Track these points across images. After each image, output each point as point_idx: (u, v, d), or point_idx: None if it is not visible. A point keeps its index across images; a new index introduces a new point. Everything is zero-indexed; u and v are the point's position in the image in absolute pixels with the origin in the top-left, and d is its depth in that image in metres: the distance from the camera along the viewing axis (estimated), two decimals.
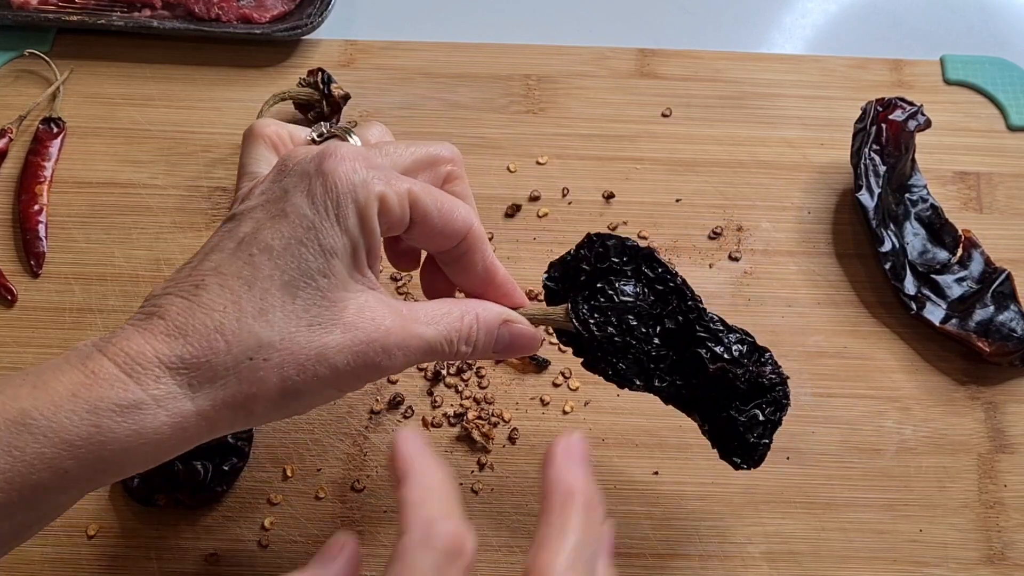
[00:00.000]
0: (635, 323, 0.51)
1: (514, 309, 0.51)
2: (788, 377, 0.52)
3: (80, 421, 0.39)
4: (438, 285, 0.52)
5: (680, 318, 0.52)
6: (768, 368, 0.51)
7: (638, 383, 0.52)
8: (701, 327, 0.51)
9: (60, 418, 0.39)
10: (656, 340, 0.51)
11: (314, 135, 0.52)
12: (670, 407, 0.53)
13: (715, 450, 0.53)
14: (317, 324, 0.42)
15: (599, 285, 0.52)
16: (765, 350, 0.52)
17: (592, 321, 0.51)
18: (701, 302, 0.52)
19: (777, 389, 0.51)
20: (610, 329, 0.51)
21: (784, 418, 0.52)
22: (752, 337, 0.52)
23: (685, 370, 0.52)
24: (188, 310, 0.41)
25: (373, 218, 0.43)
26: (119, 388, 0.39)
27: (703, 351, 0.51)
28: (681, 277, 0.52)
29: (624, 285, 0.52)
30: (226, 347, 0.41)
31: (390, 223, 0.45)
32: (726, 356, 0.51)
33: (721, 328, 0.52)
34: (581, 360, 0.53)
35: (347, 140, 0.50)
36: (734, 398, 0.51)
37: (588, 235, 0.53)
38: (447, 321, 0.47)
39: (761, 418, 0.51)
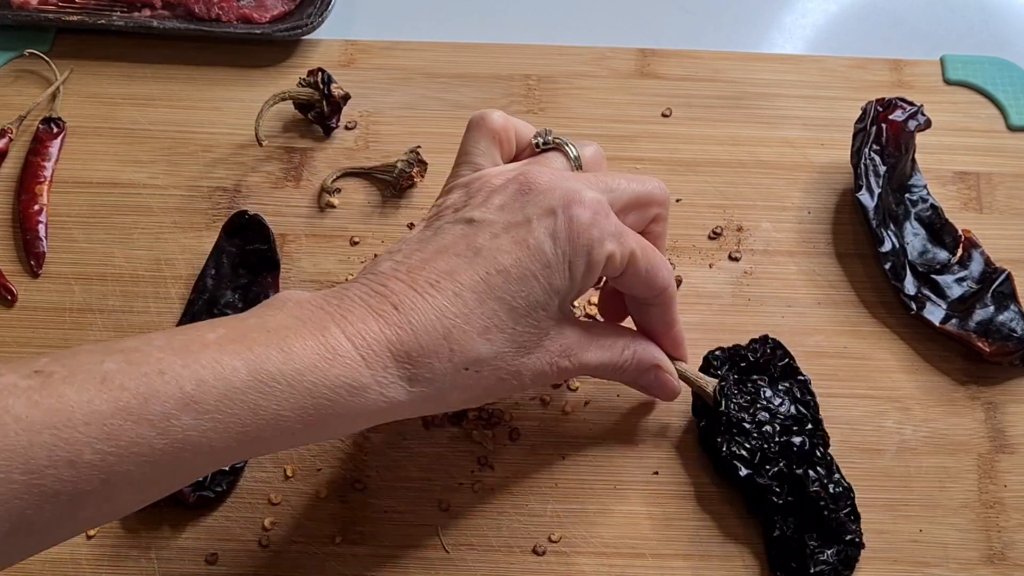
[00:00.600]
0: (766, 420, 0.58)
1: (672, 359, 0.58)
2: (864, 548, 0.57)
3: (319, 395, 0.43)
4: (615, 308, 0.58)
5: (806, 440, 0.58)
6: (854, 528, 0.57)
7: (742, 472, 0.57)
8: (820, 455, 0.58)
9: (302, 388, 0.42)
10: (776, 447, 0.58)
11: (539, 140, 0.55)
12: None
13: (769, 559, 0.58)
14: (523, 348, 0.48)
15: (753, 377, 0.60)
16: (858, 514, 0.58)
17: (733, 401, 0.58)
18: (829, 445, 0.59)
19: (852, 550, 0.57)
20: (744, 415, 0.58)
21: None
22: (854, 493, 0.58)
23: (787, 482, 0.57)
24: (421, 308, 0.45)
25: (597, 271, 0.49)
26: (354, 371, 0.44)
27: (812, 472, 0.57)
28: (820, 416, 0.60)
29: (772, 389, 0.60)
30: (449, 354, 0.45)
31: (606, 274, 0.51)
32: (830, 488, 0.57)
33: (835, 467, 0.58)
34: (700, 435, 0.61)
35: (568, 152, 0.54)
36: (815, 530, 0.56)
37: (765, 336, 0.62)
38: (611, 352, 0.53)
39: (828, 559, 0.56)
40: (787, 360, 0.62)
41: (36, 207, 0.70)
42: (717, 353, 0.62)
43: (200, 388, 0.41)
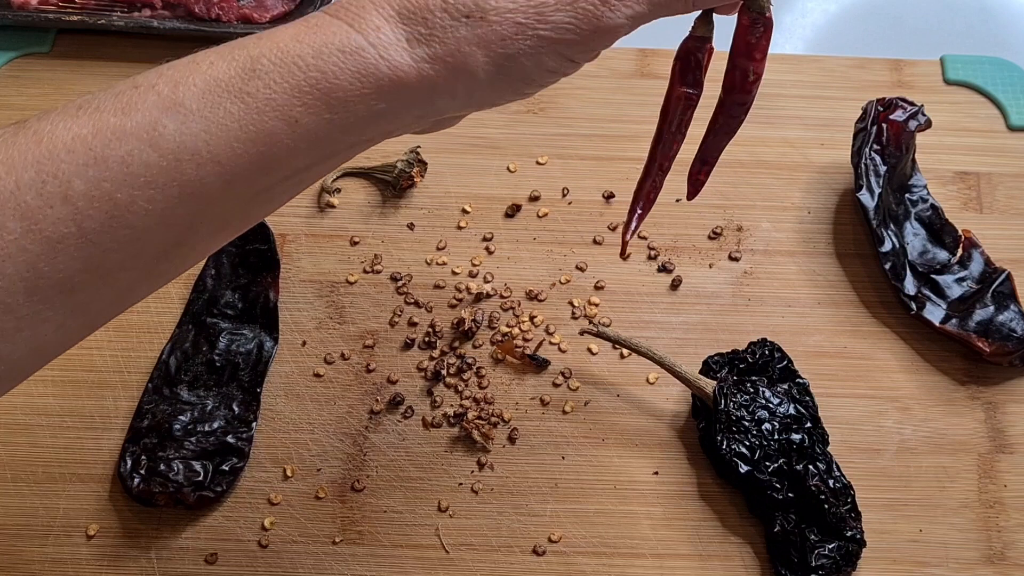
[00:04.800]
0: (765, 418, 0.58)
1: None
2: (865, 546, 0.57)
3: (306, 66, 0.38)
4: None
5: (805, 437, 0.58)
6: (855, 524, 0.57)
7: (742, 469, 0.57)
8: (819, 452, 0.58)
9: (287, 62, 0.39)
10: (775, 444, 0.58)
11: None
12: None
13: (770, 554, 0.58)
14: None
15: (752, 379, 0.60)
16: (859, 512, 0.58)
17: (732, 400, 0.58)
18: (828, 443, 0.60)
19: (854, 546, 0.57)
20: (743, 413, 0.58)
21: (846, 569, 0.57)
22: (854, 491, 0.58)
23: (788, 479, 0.57)
24: None
25: None
26: (341, 35, 0.39)
27: (811, 467, 0.57)
28: (819, 415, 0.60)
29: (771, 390, 0.60)
30: (442, 4, 0.40)
31: None
32: (830, 483, 0.57)
33: (834, 464, 0.59)
34: (699, 436, 0.61)
35: None
36: (815, 524, 0.57)
37: (763, 339, 0.62)
38: None
39: (829, 553, 0.56)
40: (786, 362, 0.62)
41: None
42: (716, 357, 0.62)
43: (179, 88, 0.38)
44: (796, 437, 0.58)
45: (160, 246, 0.39)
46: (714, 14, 0.47)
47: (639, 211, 0.53)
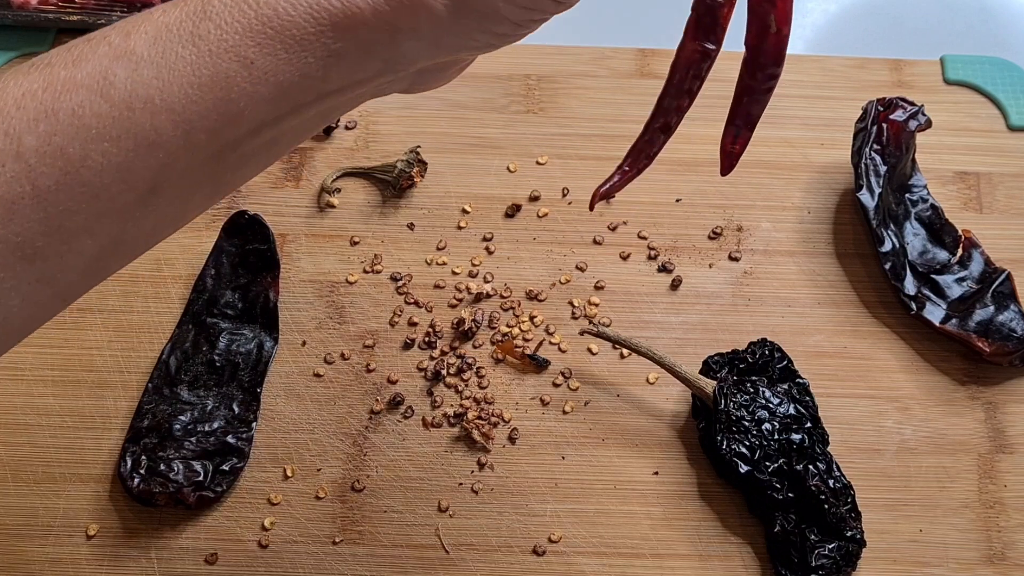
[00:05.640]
0: (765, 418, 0.58)
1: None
2: (865, 546, 0.57)
3: (257, 4, 0.37)
4: None
5: (805, 437, 0.58)
6: (855, 524, 0.57)
7: (742, 469, 0.57)
8: (819, 452, 0.58)
9: (238, 1, 0.37)
10: (775, 444, 0.58)
11: None
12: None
13: (770, 554, 0.58)
14: None
15: (752, 379, 0.60)
16: (859, 512, 0.58)
17: (732, 400, 0.58)
18: (828, 443, 0.60)
19: (854, 546, 0.57)
20: (743, 413, 0.58)
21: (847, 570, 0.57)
22: (854, 491, 0.58)
23: (788, 479, 0.57)
24: None
25: None
26: None
27: (811, 467, 0.57)
28: (819, 415, 0.60)
29: (771, 390, 0.59)
30: None
31: None
32: (830, 483, 0.57)
33: (834, 464, 0.59)
34: (699, 436, 0.61)
35: None
36: (815, 524, 0.57)
37: (763, 339, 0.62)
38: None
39: (830, 553, 0.56)
40: (785, 363, 0.62)
41: None
42: (716, 357, 0.62)
43: (130, 37, 0.37)
44: (796, 437, 0.58)
45: (123, 206, 0.37)
46: None
47: (625, 168, 0.48)
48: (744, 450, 0.57)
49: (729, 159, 0.48)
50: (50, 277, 0.37)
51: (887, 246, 0.66)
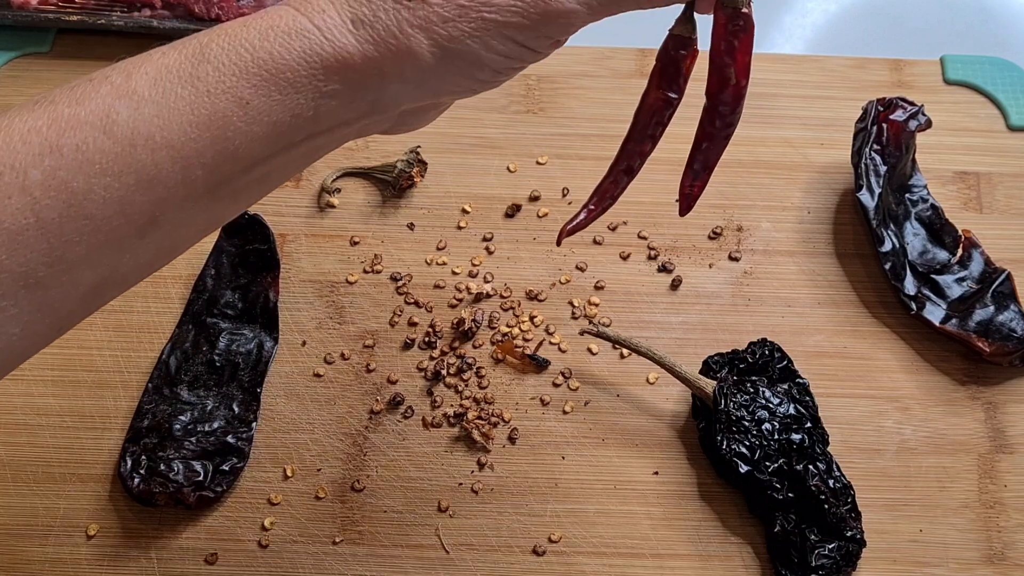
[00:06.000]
0: (765, 418, 0.58)
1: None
2: (865, 546, 0.57)
3: (253, 48, 0.39)
4: None
5: (805, 437, 0.58)
6: (855, 524, 0.57)
7: (742, 469, 0.57)
8: (819, 452, 0.58)
9: (235, 46, 0.39)
10: (775, 444, 0.58)
11: None
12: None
13: (770, 554, 0.58)
14: None
15: (752, 379, 0.60)
16: (859, 512, 0.58)
17: (732, 400, 0.58)
18: (828, 443, 0.60)
19: (854, 546, 0.57)
20: (743, 413, 0.58)
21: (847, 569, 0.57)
22: (854, 491, 0.58)
23: (788, 479, 0.57)
24: None
25: None
26: (287, 18, 0.40)
27: (811, 468, 0.57)
28: (819, 415, 0.60)
29: (771, 390, 0.59)
30: None
31: None
32: (830, 483, 0.57)
33: (834, 464, 0.59)
34: (699, 436, 0.61)
35: None
36: (815, 524, 0.57)
37: (763, 339, 0.62)
38: None
39: (830, 553, 0.56)
40: (785, 362, 0.62)
41: None
42: (716, 357, 0.62)
43: (131, 77, 0.38)
44: (796, 437, 0.58)
45: (122, 238, 0.39)
46: (695, 12, 0.45)
47: (591, 207, 0.51)
48: (744, 450, 0.57)
49: (687, 200, 0.51)
50: (49, 306, 0.39)
51: (887, 246, 0.66)
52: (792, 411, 0.59)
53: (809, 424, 0.59)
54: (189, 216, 0.41)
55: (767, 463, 0.57)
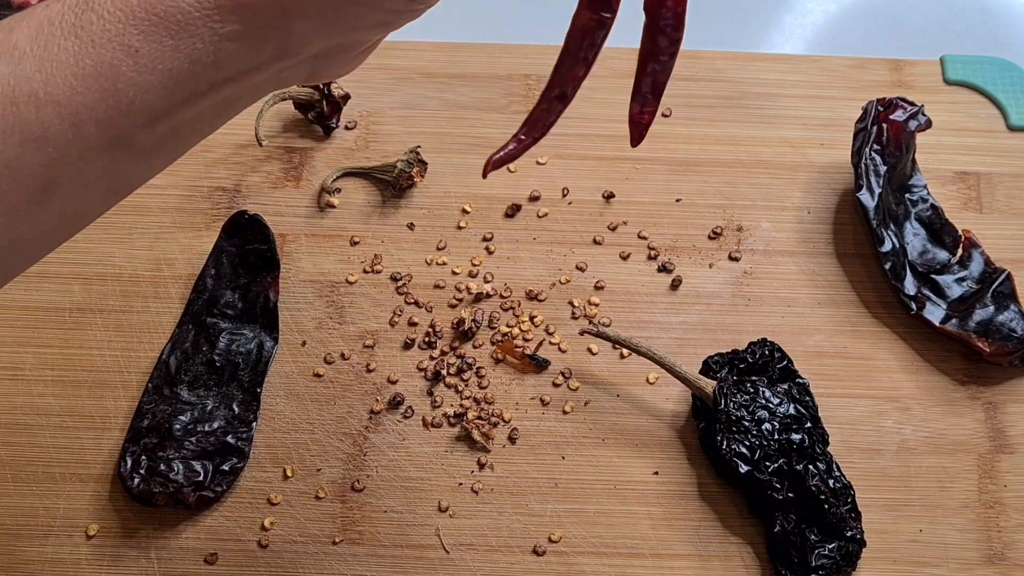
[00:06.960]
0: (765, 418, 0.58)
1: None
2: (865, 546, 0.57)
3: None
4: None
5: (805, 437, 0.58)
6: (855, 524, 0.57)
7: (742, 469, 0.57)
8: (819, 452, 0.58)
9: None
10: (775, 444, 0.58)
11: None
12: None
13: (770, 554, 0.58)
14: None
15: (752, 379, 0.60)
16: (859, 512, 0.58)
17: (732, 400, 0.58)
18: (828, 443, 0.60)
19: (854, 546, 0.57)
20: (743, 413, 0.58)
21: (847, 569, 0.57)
22: (854, 491, 0.58)
23: (788, 479, 0.57)
24: None
25: None
26: None
27: (811, 468, 0.57)
28: (819, 415, 0.60)
29: (771, 390, 0.59)
30: None
31: None
32: (830, 483, 0.57)
33: (834, 464, 0.59)
34: (699, 436, 0.61)
35: None
36: (816, 524, 0.57)
37: (763, 339, 0.62)
38: None
39: (830, 553, 0.56)
40: (785, 362, 0.62)
41: None
42: (716, 357, 0.62)
43: (12, 33, 0.36)
44: (796, 437, 0.58)
45: (15, 204, 0.37)
46: None
47: (521, 136, 0.48)
48: (744, 450, 0.57)
49: (638, 129, 0.47)
50: None
51: (887, 246, 0.66)
52: (792, 411, 0.59)
53: (809, 424, 0.59)
54: (90, 178, 0.38)
55: (767, 463, 0.57)
